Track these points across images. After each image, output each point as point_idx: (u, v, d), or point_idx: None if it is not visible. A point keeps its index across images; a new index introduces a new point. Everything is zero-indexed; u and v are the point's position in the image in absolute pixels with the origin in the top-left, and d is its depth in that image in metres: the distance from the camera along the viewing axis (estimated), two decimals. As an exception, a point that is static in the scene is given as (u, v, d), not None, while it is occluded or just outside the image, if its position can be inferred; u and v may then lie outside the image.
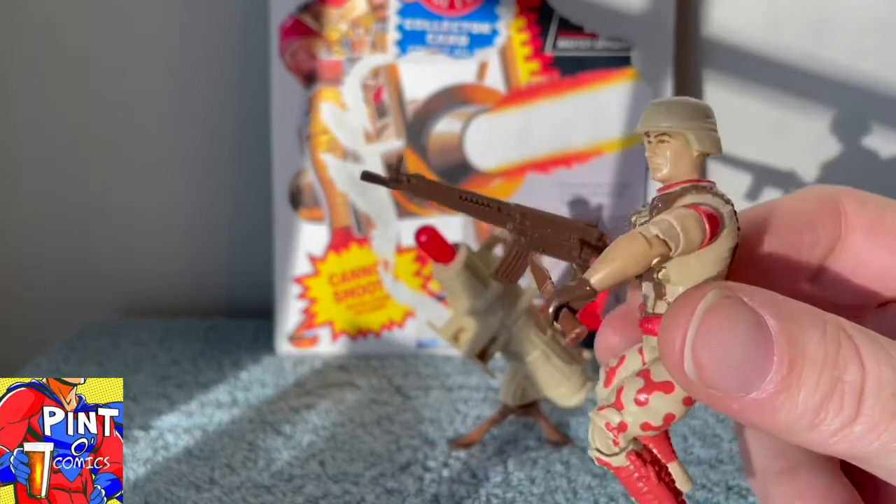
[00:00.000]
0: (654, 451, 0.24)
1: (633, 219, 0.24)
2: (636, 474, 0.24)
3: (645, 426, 0.23)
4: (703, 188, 0.22)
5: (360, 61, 0.70)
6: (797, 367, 0.20)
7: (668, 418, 0.23)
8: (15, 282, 0.80)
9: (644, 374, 0.23)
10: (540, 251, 0.24)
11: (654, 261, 0.21)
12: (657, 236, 0.21)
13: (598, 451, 0.24)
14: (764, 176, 0.74)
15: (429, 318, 0.65)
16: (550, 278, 0.24)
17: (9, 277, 0.80)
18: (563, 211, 0.71)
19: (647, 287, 0.23)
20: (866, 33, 0.73)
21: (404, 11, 0.69)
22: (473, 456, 0.54)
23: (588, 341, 0.57)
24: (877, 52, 0.73)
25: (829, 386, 0.20)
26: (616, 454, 0.23)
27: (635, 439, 0.24)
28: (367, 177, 0.21)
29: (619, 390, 0.23)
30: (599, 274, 0.21)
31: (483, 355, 0.51)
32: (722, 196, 0.22)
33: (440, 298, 0.70)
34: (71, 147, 0.78)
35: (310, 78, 0.70)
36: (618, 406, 0.23)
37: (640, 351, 0.24)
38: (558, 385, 0.53)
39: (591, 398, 0.53)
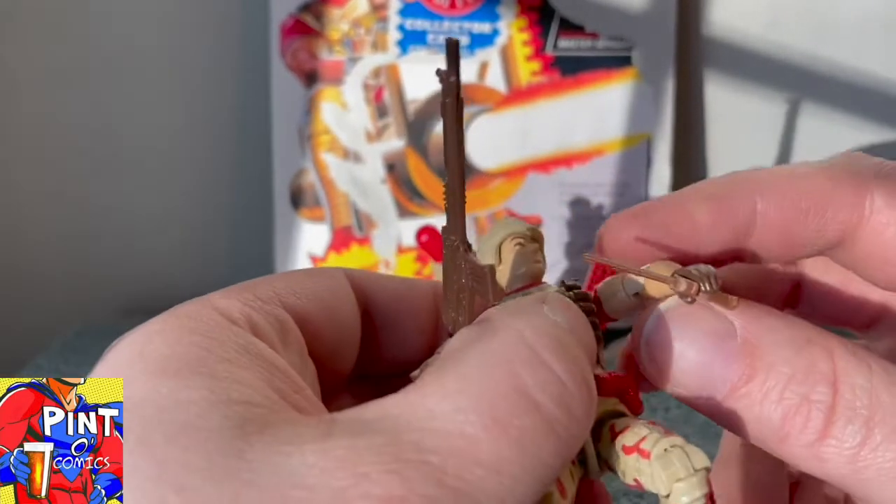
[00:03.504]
0: None
1: None
2: None
3: None
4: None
5: (360, 61, 0.70)
6: (758, 378, 0.19)
7: None
8: (15, 282, 0.80)
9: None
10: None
11: None
12: None
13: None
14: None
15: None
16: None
17: (9, 278, 0.80)
18: (564, 211, 0.71)
19: None
20: (868, 33, 0.73)
21: (405, 11, 0.69)
22: (474, 456, 0.53)
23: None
24: (878, 51, 0.73)
25: (794, 400, 0.19)
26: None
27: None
28: (454, 45, 0.17)
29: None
30: None
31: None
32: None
33: (441, 298, 0.70)
34: (70, 147, 0.78)
35: (311, 77, 0.70)
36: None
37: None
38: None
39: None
